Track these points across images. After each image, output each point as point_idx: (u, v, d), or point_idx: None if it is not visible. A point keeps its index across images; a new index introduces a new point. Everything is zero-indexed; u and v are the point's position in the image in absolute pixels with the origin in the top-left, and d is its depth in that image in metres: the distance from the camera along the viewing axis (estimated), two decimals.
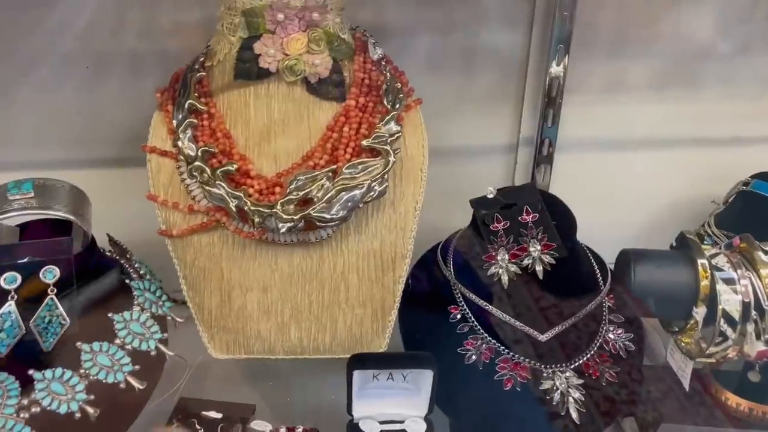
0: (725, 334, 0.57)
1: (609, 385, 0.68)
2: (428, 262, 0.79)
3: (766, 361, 0.61)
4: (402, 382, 0.65)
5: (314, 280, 0.71)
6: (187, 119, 0.65)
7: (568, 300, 0.72)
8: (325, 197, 0.63)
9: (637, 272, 0.60)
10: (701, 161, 0.92)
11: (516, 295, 0.72)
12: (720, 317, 0.57)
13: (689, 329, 0.59)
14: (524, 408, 0.66)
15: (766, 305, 0.57)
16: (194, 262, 0.70)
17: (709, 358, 0.60)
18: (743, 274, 0.58)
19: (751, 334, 0.57)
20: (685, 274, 0.59)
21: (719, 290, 0.57)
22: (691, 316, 0.58)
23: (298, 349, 0.75)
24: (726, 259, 0.59)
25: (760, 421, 0.63)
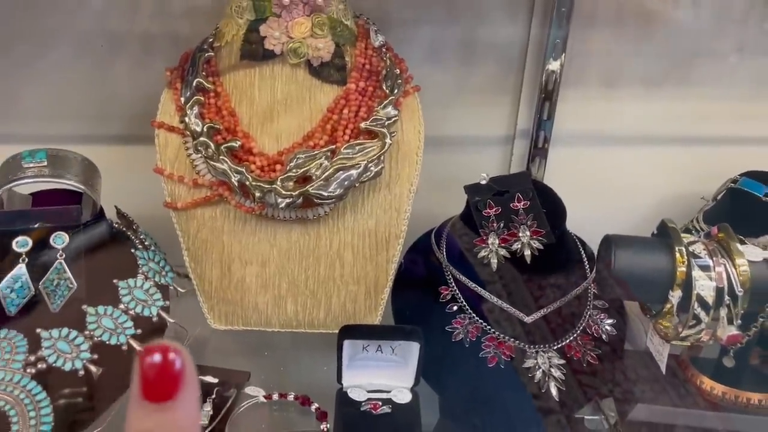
0: (699, 317, 0.60)
1: (590, 366, 0.71)
2: (422, 245, 0.82)
3: (737, 345, 0.64)
4: (390, 354, 0.68)
5: (311, 256, 0.74)
6: (194, 96, 0.68)
7: (555, 284, 0.75)
8: (323, 175, 0.66)
9: (617, 256, 0.63)
10: (693, 159, 0.94)
11: (504, 277, 0.74)
12: (694, 301, 0.59)
13: (666, 313, 0.62)
14: (507, 384, 0.69)
15: (738, 291, 0.59)
16: (197, 235, 0.73)
17: (683, 341, 0.62)
18: (719, 261, 0.60)
19: (724, 319, 0.59)
20: (664, 259, 0.61)
21: (695, 276, 0.59)
22: (667, 299, 0.61)
23: (293, 323, 0.78)
24: (703, 247, 0.62)
25: (733, 404, 0.66)
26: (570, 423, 0.68)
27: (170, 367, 0.24)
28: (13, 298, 0.66)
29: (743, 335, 0.61)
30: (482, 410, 0.68)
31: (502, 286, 0.74)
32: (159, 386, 0.24)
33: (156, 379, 0.24)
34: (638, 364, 0.72)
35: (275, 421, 0.68)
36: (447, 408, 0.70)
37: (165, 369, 0.24)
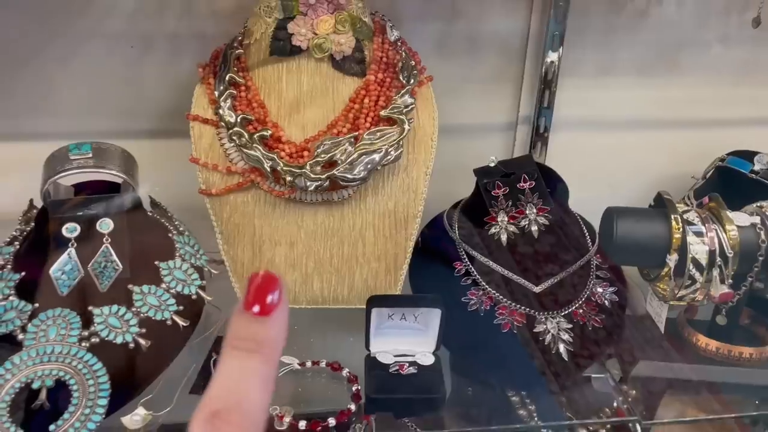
0: (694, 278, 0.66)
1: (594, 330, 0.77)
2: (437, 225, 0.88)
3: (729, 303, 0.70)
4: (413, 322, 0.74)
5: (335, 236, 0.80)
6: (227, 90, 0.74)
7: (560, 257, 0.81)
8: (348, 160, 0.72)
9: (619, 225, 0.69)
10: (683, 141, 1.01)
11: (513, 252, 0.81)
12: (689, 264, 0.66)
13: (664, 276, 0.68)
14: (520, 347, 0.75)
15: (729, 253, 0.66)
16: (230, 219, 0.79)
17: (680, 301, 0.69)
18: (710, 227, 0.67)
19: (716, 279, 0.66)
20: (661, 227, 0.68)
21: (689, 241, 0.66)
22: (665, 263, 0.67)
23: (319, 299, 0.84)
24: (696, 215, 0.68)
25: (725, 358, 0.72)
26: (578, 381, 0.75)
27: (270, 288, 0.30)
28: (64, 280, 0.72)
29: (734, 293, 0.68)
30: (499, 371, 0.74)
31: (512, 260, 0.81)
32: (259, 302, 0.30)
33: (257, 295, 0.30)
34: (639, 326, 0.78)
35: (309, 385, 0.74)
36: (466, 370, 0.76)
37: (265, 289, 0.30)
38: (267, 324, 0.30)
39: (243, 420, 0.29)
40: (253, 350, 0.30)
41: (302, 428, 0.66)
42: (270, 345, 0.30)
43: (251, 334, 0.30)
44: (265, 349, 0.30)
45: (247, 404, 0.29)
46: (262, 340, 0.30)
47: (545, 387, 0.74)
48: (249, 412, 0.29)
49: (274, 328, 0.31)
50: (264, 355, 0.30)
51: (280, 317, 0.31)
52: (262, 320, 0.30)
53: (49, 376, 0.66)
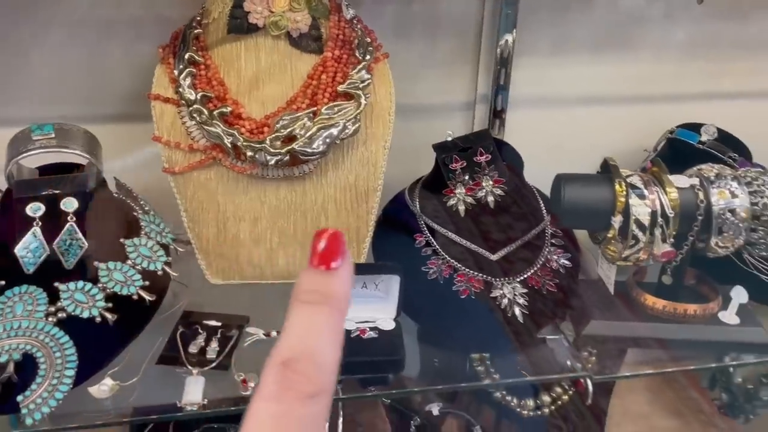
0: (637, 238, 0.69)
1: (549, 294, 0.80)
2: (399, 200, 0.90)
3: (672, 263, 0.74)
4: (374, 290, 0.77)
5: (298, 211, 0.82)
6: (187, 69, 0.75)
7: (516, 226, 0.85)
8: (307, 134, 0.74)
9: (566, 190, 0.72)
10: (636, 116, 1.04)
11: (471, 222, 0.84)
12: (632, 224, 0.69)
13: (611, 238, 0.72)
14: (478, 311, 0.78)
15: (669, 213, 0.69)
16: (194, 196, 0.81)
17: (626, 261, 0.72)
18: (652, 190, 0.70)
19: (658, 238, 0.69)
20: (606, 191, 0.71)
21: (632, 203, 0.69)
22: (610, 226, 0.70)
23: (285, 274, 0.86)
24: (639, 179, 0.71)
25: (672, 316, 0.76)
26: (534, 342, 0.78)
27: (336, 243, 0.31)
28: (29, 258, 0.73)
29: (676, 252, 0.71)
30: (457, 334, 0.77)
31: (470, 230, 0.84)
32: (325, 256, 0.31)
33: (324, 250, 0.31)
34: (591, 289, 0.82)
35: None
36: (426, 335, 0.78)
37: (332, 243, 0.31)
38: (333, 277, 0.31)
39: (315, 370, 0.29)
40: (321, 302, 0.31)
41: None
42: (337, 298, 0.31)
43: (319, 287, 0.31)
44: (332, 302, 0.31)
45: (318, 355, 0.30)
46: (330, 293, 0.31)
47: (502, 348, 0.77)
48: (320, 363, 0.30)
49: (340, 281, 0.31)
50: (332, 307, 0.31)
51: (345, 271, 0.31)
52: (329, 274, 0.31)
53: (16, 350, 0.68)
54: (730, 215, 0.69)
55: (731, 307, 0.77)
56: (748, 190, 0.69)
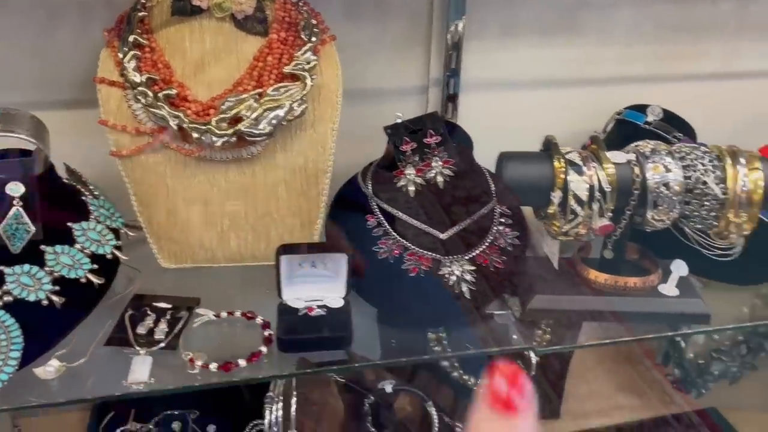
0: (575, 212, 0.71)
1: (496, 271, 0.82)
2: (352, 183, 0.91)
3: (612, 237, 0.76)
4: (323, 269, 0.78)
5: (248, 193, 0.83)
6: (131, 51, 0.76)
7: (465, 206, 0.86)
8: (253, 115, 0.75)
9: (507, 167, 0.74)
10: (586, 98, 1.07)
11: (421, 202, 0.85)
12: (571, 199, 0.71)
13: (552, 214, 0.73)
14: (426, 288, 0.79)
15: (606, 188, 0.71)
16: (142, 180, 0.81)
17: (567, 236, 0.74)
18: (590, 166, 0.72)
19: (596, 212, 0.71)
20: (546, 167, 0.73)
21: (570, 179, 0.71)
22: (551, 201, 0.72)
23: (237, 257, 0.87)
24: (578, 156, 0.73)
25: (613, 289, 0.78)
26: (481, 317, 0.80)
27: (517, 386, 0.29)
28: None
29: (614, 226, 0.73)
30: (406, 310, 0.78)
31: (420, 210, 0.85)
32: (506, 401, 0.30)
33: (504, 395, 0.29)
34: (537, 266, 0.84)
35: (224, 334, 0.77)
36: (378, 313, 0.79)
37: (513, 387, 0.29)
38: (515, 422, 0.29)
39: None
40: None
41: (213, 370, 0.69)
42: None
43: None
44: None
45: None
46: None
47: (449, 324, 0.78)
48: None
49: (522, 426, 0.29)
50: None
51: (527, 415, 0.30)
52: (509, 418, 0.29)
53: None
54: (665, 189, 0.71)
55: (671, 279, 0.79)
56: (682, 165, 0.72)
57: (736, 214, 0.71)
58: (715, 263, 0.85)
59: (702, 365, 1.13)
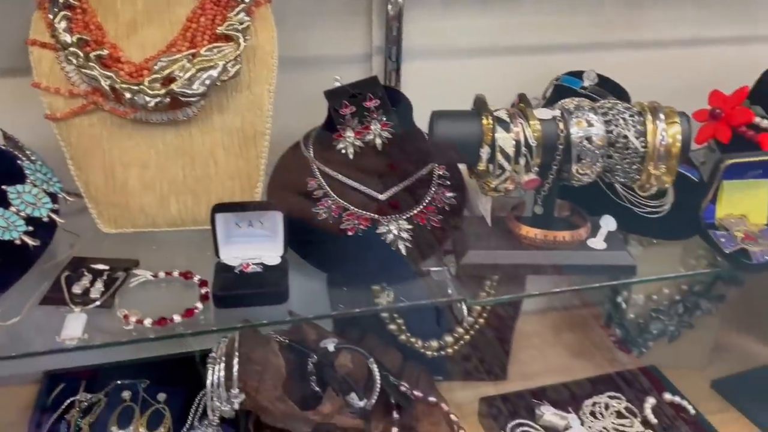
0: (503, 167, 0.73)
1: (433, 230, 0.84)
2: (293, 149, 0.92)
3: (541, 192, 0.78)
4: (260, 229, 0.79)
5: (186, 155, 0.83)
6: (62, 12, 0.75)
7: (403, 168, 0.88)
8: (186, 75, 0.75)
9: (437, 125, 0.75)
10: (525, 65, 1.09)
11: (360, 164, 0.86)
12: (498, 154, 0.73)
13: (483, 171, 0.76)
14: (364, 247, 0.81)
15: (532, 143, 0.73)
16: (78, 143, 0.81)
17: (497, 191, 0.76)
18: (517, 122, 0.74)
19: (522, 167, 0.74)
20: (474, 125, 0.75)
21: (498, 136, 0.73)
22: (480, 158, 0.74)
23: (178, 221, 0.87)
24: (506, 113, 0.75)
25: (544, 243, 0.81)
26: (418, 274, 0.82)
27: None
28: None
29: (541, 180, 0.76)
30: (344, 268, 0.80)
31: (359, 172, 0.86)
32: None
33: None
34: (474, 225, 0.86)
35: (162, 293, 0.77)
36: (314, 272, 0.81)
37: None
38: None
39: None
40: None
41: (148, 326, 0.70)
42: None
43: None
44: None
45: None
46: None
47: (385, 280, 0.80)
48: None
49: None
50: None
51: None
52: None
53: None
54: (587, 143, 0.73)
55: (600, 234, 0.82)
56: (604, 120, 0.74)
57: (656, 166, 0.73)
58: (646, 220, 0.89)
59: (642, 325, 1.17)
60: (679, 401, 1.08)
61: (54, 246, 0.81)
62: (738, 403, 1.11)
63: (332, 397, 0.87)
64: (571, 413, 1.04)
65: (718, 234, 0.85)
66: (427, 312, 1.08)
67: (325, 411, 0.86)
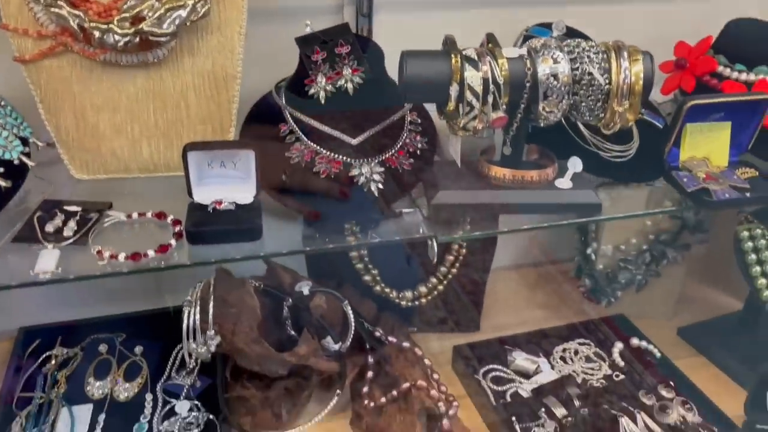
0: (471, 104, 0.75)
1: (404, 172, 0.86)
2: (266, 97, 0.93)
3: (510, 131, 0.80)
4: (233, 170, 0.79)
5: (157, 98, 0.83)
6: None
7: (375, 113, 0.89)
8: (156, 15, 0.75)
9: (407, 64, 0.76)
10: (496, 18, 1.10)
11: (332, 110, 0.87)
12: (467, 91, 0.74)
13: (451, 111, 0.77)
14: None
15: (499, 80, 0.75)
16: (48, 85, 0.81)
17: (465, 130, 0.78)
18: (485, 61, 0.75)
19: (490, 105, 0.75)
20: (444, 64, 0.76)
21: (466, 74, 0.75)
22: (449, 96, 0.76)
23: (151, 166, 0.87)
24: (474, 52, 0.77)
25: (512, 182, 0.82)
26: (390, 215, 0.83)
27: None
28: None
29: (508, 117, 0.77)
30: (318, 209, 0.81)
31: (331, 117, 0.87)
32: None
33: None
34: (444, 168, 0.87)
35: (136, 233, 0.78)
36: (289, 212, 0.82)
37: None
38: None
39: None
40: None
41: (122, 260, 0.70)
42: None
43: None
44: None
45: None
46: None
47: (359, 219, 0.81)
48: None
49: None
50: None
51: None
52: None
53: None
54: (554, 80, 0.75)
55: (567, 174, 0.84)
56: (570, 57, 0.76)
57: (620, 102, 0.75)
58: (613, 164, 0.91)
59: (611, 275, 1.20)
60: (645, 346, 1.11)
61: (26, 194, 0.81)
62: (703, 348, 1.15)
63: (308, 339, 0.88)
64: (541, 357, 1.07)
65: (681, 174, 0.88)
66: (401, 262, 1.10)
67: (300, 352, 0.87)
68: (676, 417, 0.96)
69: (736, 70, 0.98)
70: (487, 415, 0.97)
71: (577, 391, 1.00)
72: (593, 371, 1.06)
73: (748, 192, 0.86)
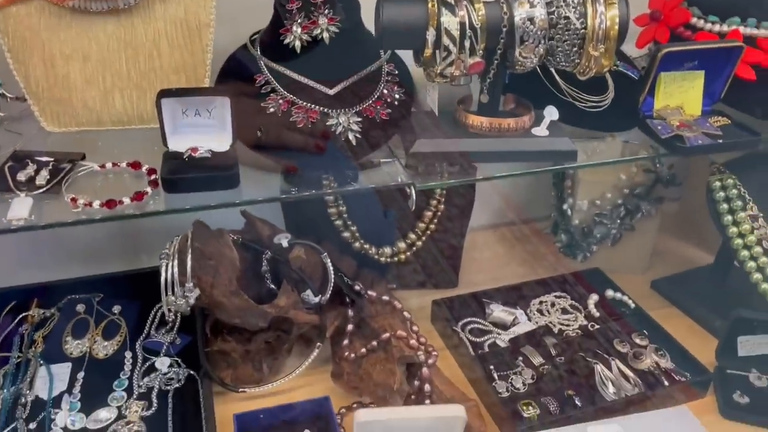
0: (449, 49, 0.75)
1: (382, 122, 0.85)
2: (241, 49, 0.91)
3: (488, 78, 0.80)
4: (208, 119, 0.78)
5: (129, 47, 0.82)
6: None
7: (352, 63, 0.88)
8: None
9: (384, 9, 0.76)
10: None
11: (308, 59, 0.86)
12: (444, 36, 0.74)
13: (429, 57, 0.77)
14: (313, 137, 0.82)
15: (476, 25, 0.75)
16: (15, 33, 0.78)
17: (443, 77, 0.77)
18: (462, 5, 0.75)
19: (467, 50, 0.75)
20: (420, 9, 0.75)
21: (443, 19, 0.74)
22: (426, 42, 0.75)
23: (124, 118, 0.86)
24: None
25: (489, 130, 0.83)
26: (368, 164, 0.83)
27: None
28: None
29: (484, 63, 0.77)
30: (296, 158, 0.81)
31: (307, 67, 0.86)
32: None
33: None
34: (422, 117, 0.87)
35: (110, 182, 0.77)
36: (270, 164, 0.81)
37: None
38: None
39: None
40: None
41: (97, 207, 0.69)
42: None
43: None
44: None
45: None
46: None
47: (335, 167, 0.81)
48: None
49: None
50: None
51: None
52: None
53: None
54: (530, 24, 0.75)
55: (543, 123, 0.85)
56: (546, 1, 0.76)
57: (595, 47, 0.76)
58: (589, 114, 0.92)
59: (586, 230, 1.22)
60: (620, 297, 1.13)
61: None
62: (675, 300, 1.17)
63: (288, 291, 0.88)
64: (518, 310, 1.09)
65: (656, 123, 0.89)
66: (379, 218, 1.10)
67: (280, 304, 0.88)
68: (649, 363, 0.98)
69: (709, 22, 0.98)
70: (466, 365, 0.99)
71: (553, 341, 1.02)
72: (569, 322, 1.08)
73: (720, 139, 0.88)
